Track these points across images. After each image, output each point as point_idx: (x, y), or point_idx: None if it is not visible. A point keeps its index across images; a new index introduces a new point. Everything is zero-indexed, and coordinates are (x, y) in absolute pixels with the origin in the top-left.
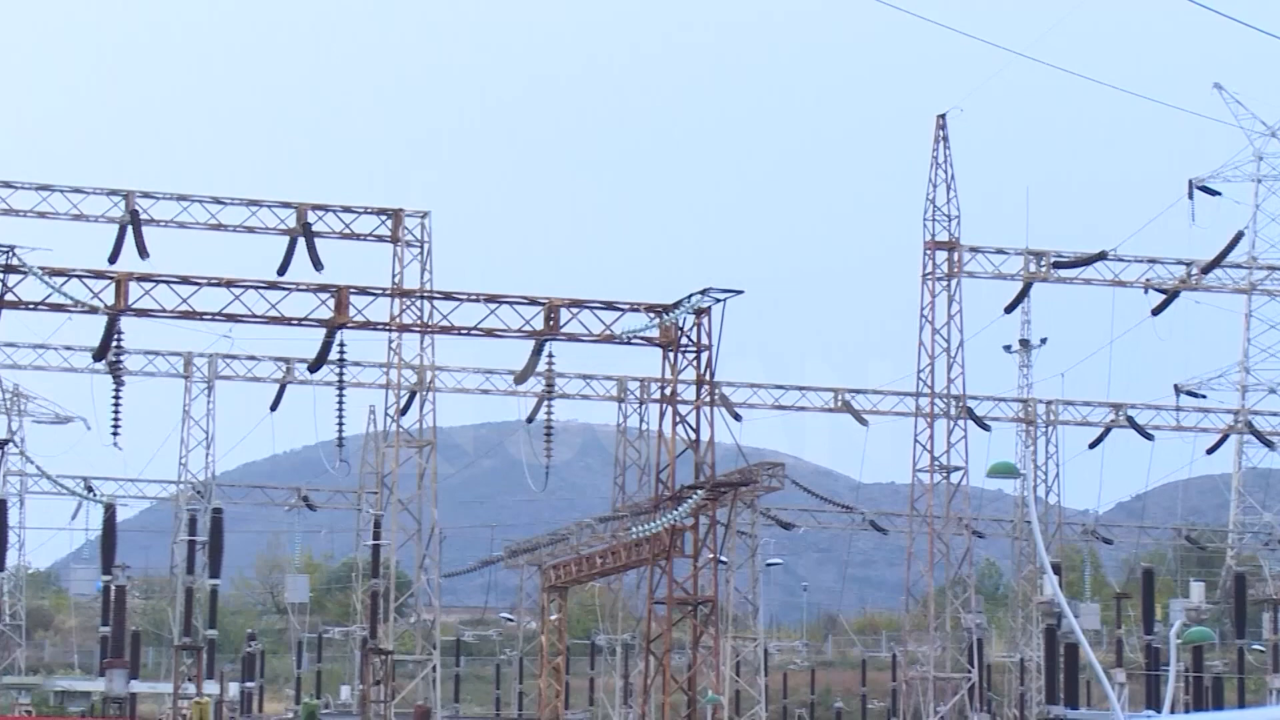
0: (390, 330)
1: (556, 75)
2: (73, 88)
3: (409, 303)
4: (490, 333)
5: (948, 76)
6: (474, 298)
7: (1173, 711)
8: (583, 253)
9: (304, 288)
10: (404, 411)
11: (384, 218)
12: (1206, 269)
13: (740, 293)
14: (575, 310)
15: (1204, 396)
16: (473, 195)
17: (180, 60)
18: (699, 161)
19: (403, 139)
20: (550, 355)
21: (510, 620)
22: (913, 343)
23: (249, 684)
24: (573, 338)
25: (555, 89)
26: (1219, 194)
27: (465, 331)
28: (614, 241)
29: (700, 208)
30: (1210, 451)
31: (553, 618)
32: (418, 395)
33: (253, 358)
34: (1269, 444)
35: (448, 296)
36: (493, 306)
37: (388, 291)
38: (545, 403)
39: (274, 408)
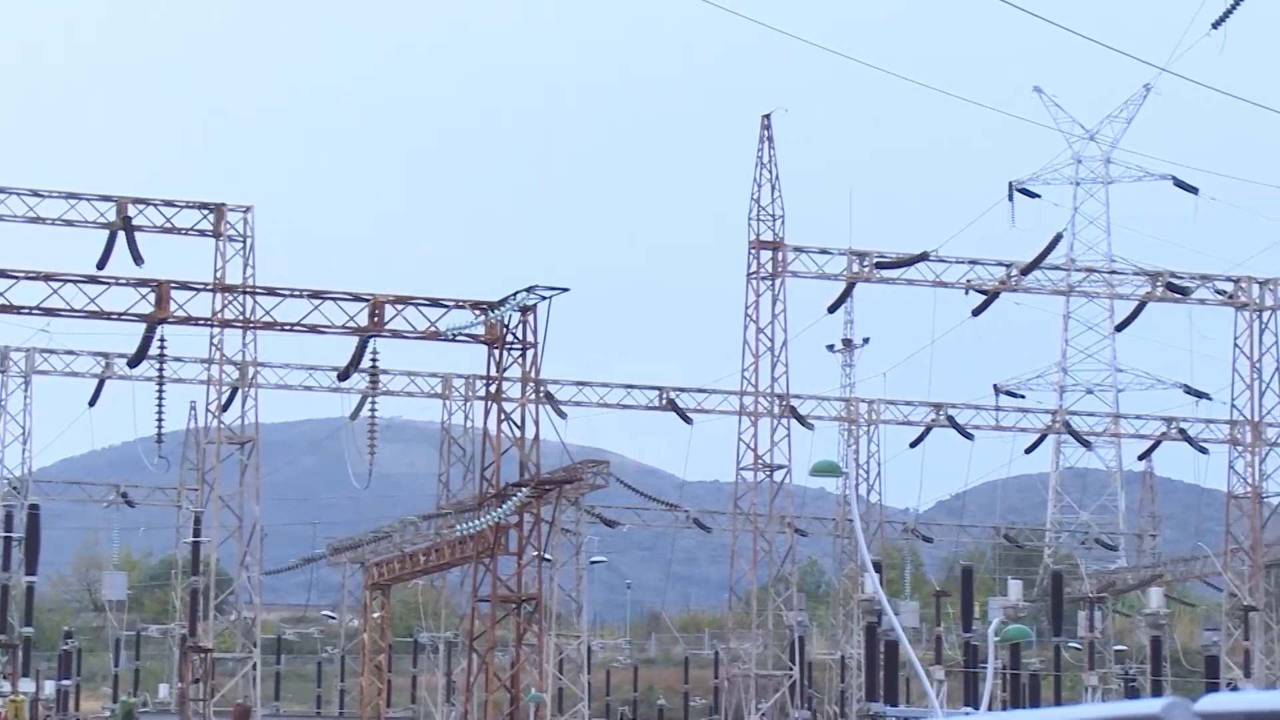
0: (212, 325)
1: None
2: None
3: (231, 298)
4: (314, 329)
5: (774, 77)
6: (297, 293)
7: (990, 709)
8: (407, 250)
9: (124, 282)
10: (225, 407)
11: (206, 212)
12: (1026, 270)
13: (566, 290)
14: (400, 307)
15: (1023, 396)
16: (297, 190)
17: None
18: (529, 158)
19: (227, 133)
20: (374, 352)
21: (332, 618)
22: (738, 342)
23: (65, 682)
24: (397, 334)
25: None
26: (1038, 196)
27: (288, 327)
28: (439, 239)
29: (529, 204)
30: (1029, 451)
31: (375, 615)
32: (240, 391)
33: (71, 352)
34: (1086, 444)
35: (270, 292)
36: (316, 302)
37: (209, 286)
38: (369, 399)
39: (92, 403)
